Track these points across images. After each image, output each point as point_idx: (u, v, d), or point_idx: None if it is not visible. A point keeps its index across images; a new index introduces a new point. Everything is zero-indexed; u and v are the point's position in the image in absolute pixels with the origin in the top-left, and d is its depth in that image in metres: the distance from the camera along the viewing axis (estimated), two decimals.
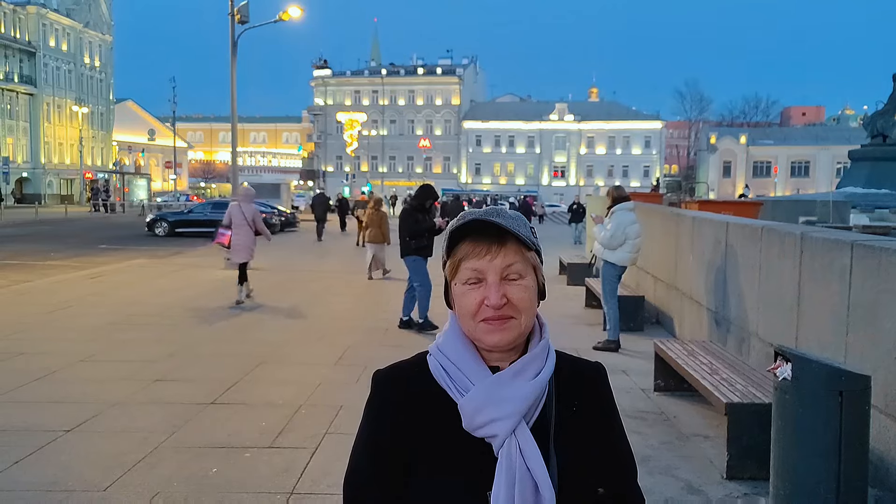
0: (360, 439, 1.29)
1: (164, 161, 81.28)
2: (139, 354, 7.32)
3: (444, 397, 1.22)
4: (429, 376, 1.25)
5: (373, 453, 1.26)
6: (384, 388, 1.29)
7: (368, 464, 1.26)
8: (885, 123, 26.18)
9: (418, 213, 8.95)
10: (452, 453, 1.20)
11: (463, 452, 1.19)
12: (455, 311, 1.26)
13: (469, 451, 1.19)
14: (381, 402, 1.28)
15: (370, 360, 6.94)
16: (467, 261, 1.21)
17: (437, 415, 1.22)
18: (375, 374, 1.31)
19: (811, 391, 3.08)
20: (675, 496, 4.11)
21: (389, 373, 1.30)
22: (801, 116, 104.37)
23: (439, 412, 1.22)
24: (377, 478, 1.25)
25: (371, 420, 1.28)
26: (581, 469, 1.23)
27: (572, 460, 1.22)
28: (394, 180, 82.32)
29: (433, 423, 1.22)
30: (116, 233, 28.40)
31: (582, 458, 1.24)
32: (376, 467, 1.25)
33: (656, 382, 6.23)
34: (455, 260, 1.23)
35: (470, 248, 1.21)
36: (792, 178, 75.13)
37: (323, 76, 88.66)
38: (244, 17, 15.38)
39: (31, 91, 65.64)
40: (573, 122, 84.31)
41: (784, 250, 5.28)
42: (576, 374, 1.31)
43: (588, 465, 1.24)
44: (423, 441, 1.22)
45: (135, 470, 4.35)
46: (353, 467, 1.29)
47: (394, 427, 1.24)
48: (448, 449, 1.20)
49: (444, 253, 1.27)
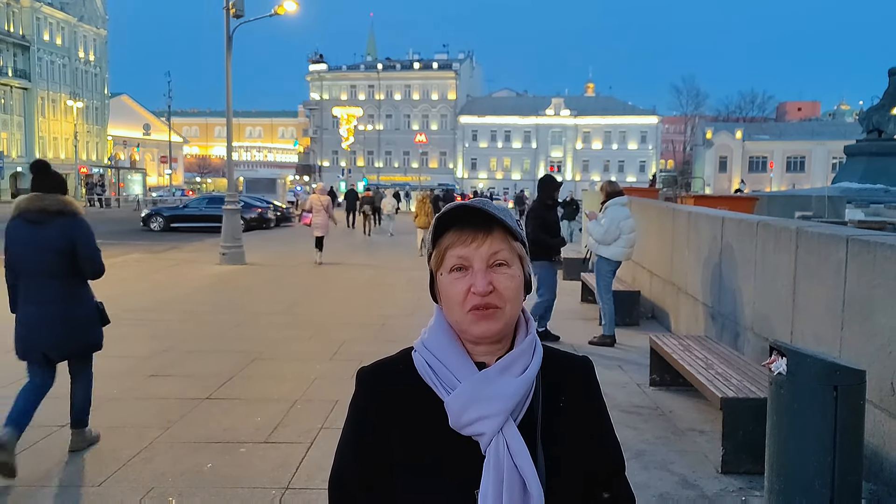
0: (345, 438, 1.27)
1: (159, 156, 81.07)
2: (134, 350, 7.30)
3: (429, 394, 1.20)
4: (414, 373, 1.23)
5: (358, 453, 1.24)
6: (368, 387, 1.27)
7: (353, 463, 1.25)
8: (880, 119, 26.23)
9: (548, 211, 8.16)
10: (439, 452, 1.18)
11: (450, 451, 1.18)
12: (440, 304, 1.24)
13: (456, 450, 1.18)
14: (365, 401, 1.26)
15: (365, 357, 6.93)
16: (453, 248, 1.19)
17: (423, 413, 1.20)
18: (359, 371, 1.29)
19: (806, 386, 3.09)
20: (670, 491, 4.12)
21: (374, 370, 1.28)
22: (796, 111, 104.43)
23: (425, 410, 1.20)
24: (362, 477, 1.23)
25: (355, 419, 1.26)
26: (569, 466, 1.22)
27: (560, 457, 1.21)
28: (390, 175, 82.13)
29: (419, 421, 1.20)
30: (111, 228, 28.28)
31: (570, 454, 1.22)
32: (361, 467, 1.23)
33: (652, 377, 6.24)
34: (440, 249, 1.21)
35: (456, 237, 1.19)
36: (788, 173, 75.25)
37: (319, 70, 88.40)
38: (239, 11, 15.30)
39: (25, 85, 65.33)
40: (569, 117, 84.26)
41: (779, 245, 5.28)
42: (563, 370, 1.29)
43: (576, 462, 1.23)
44: (409, 440, 1.20)
45: (129, 465, 4.34)
46: (337, 467, 1.28)
47: (379, 426, 1.22)
48: (434, 447, 1.19)
49: (429, 243, 1.24)
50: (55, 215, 4.34)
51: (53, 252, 4.30)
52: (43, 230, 4.31)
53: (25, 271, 4.35)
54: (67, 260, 4.34)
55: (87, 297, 4.58)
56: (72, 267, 4.37)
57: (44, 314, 4.35)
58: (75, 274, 4.42)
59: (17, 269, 4.37)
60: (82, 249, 4.38)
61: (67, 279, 4.39)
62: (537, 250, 7.74)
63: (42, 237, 4.30)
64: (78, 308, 4.48)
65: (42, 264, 4.31)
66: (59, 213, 4.36)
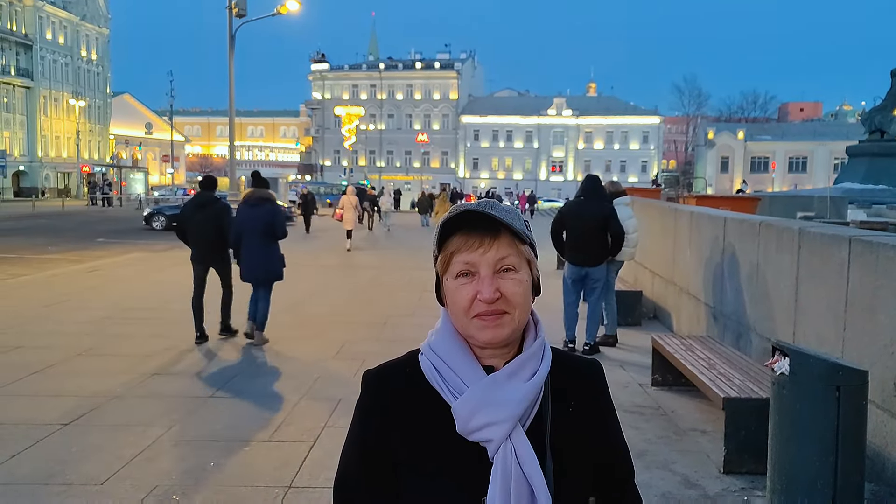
0: (350, 441, 1.26)
1: (161, 155, 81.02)
2: (137, 348, 7.31)
3: (436, 398, 1.18)
4: (420, 376, 1.20)
5: (363, 456, 1.22)
6: (374, 389, 1.24)
7: (358, 467, 1.23)
8: (882, 119, 26.19)
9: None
10: (445, 457, 1.16)
11: (456, 456, 1.16)
12: (447, 308, 1.22)
13: (463, 456, 1.15)
14: (370, 404, 1.24)
15: (368, 356, 6.94)
16: (459, 254, 1.17)
17: (429, 417, 1.18)
18: (365, 374, 1.27)
19: (808, 386, 3.09)
20: (672, 490, 4.12)
21: (379, 372, 1.26)
22: (798, 112, 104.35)
23: (431, 414, 1.17)
24: (367, 481, 1.22)
25: (361, 422, 1.24)
26: (577, 472, 1.20)
27: (568, 463, 1.19)
28: (391, 175, 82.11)
29: (425, 425, 1.18)
30: (114, 226, 28.34)
31: (578, 460, 1.21)
32: (366, 470, 1.22)
33: (654, 377, 6.24)
34: (447, 253, 1.19)
35: (462, 241, 1.17)
36: (790, 173, 75.16)
37: (321, 70, 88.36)
38: (242, 11, 15.31)
39: (27, 84, 65.36)
40: (571, 117, 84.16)
41: (782, 245, 5.29)
42: (572, 373, 1.27)
43: (585, 469, 1.21)
44: (415, 444, 1.18)
45: (133, 463, 4.35)
46: (343, 470, 1.26)
47: (385, 429, 1.20)
48: (441, 453, 1.16)
49: (435, 247, 1.22)
50: (263, 202, 7.62)
51: (262, 223, 7.46)
52: (257, 210, 7.53)
53: (246, 233, 7.48)
54: (269, 228, 7.48)
55: (276, 249, 7.66)
56: (270, 232, 7.49)
57: (254, 256, 7.50)
58: (272, 235, 7.52)
59: (242, 231, 7.50)
60: (277, 223, 7.55)
61: (266, 238, 7.50)
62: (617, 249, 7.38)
63: (256, 215, 7.49)
64: (271, 255, 7.60)
65: (256, 230, 7.43)
66: (266, 201, 7.65)
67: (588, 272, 7.29)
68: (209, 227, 7.56)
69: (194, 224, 7.62)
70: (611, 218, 7.27)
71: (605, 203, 7.40)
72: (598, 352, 7.33)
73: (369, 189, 39.61)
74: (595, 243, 7.24)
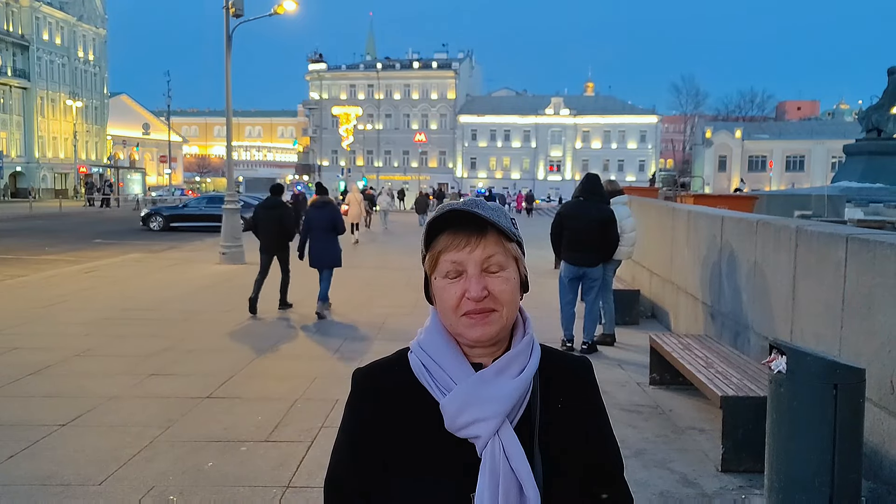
0: (340, 439, 1.27)
1: (158, 155, 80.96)
2: (134, 349, 7.31)
3: (425, 396, 1.19)
4: (410, 374, 1.21)
5: (353, 453, 1.23)
6: (364, 387, 1.26)
7: (349, 464, 1.24)
8: (879, 118, 26.26)
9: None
10: (434, 454, 1.17)
11: (445, 453, 1.16)
12: (435, 306, 1.23)
13: (451, 452, 1.16)
14: (360, 401, 1.25)
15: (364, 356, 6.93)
16: (446, 253, 1.18)
17: (418, 414, 1.19)
18: (355, 372, 1.28)
19: (806, 384, 3.10)
20: (670, 489, 4.12)
21: (369, 371, 1.28)
22: (796, 111, 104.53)
23: (420, 411, 1.18)
24: (358, 478, 1.22)
25: (351, 419, 1.25)
26: (566, 468, 1.20)
27: (557, 460, 1.19)
28: (389, 175, 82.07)
29: (414, 422, 1.19)
30: (111, 227, 28.30)
31: (567, 456, 1.21)
32: (356, 467, 1.23)
33: (652, 376, 6.25)
34: (434, 252, 1.20)
35: (449, 240, 1.18)
36: (787, 172, 75.25)
37: (318, 70, 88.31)
38: (239, 11, 15.28)
39: (24, 85, 65.25)
40: (569, 117, 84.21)
41: (779, 244, 5.29)
42: (561, 370, 1.27)
43: (573, 464, 1.22)
44: (404, 441, 1.19)
45: (130, 464, 4.34)
46: (333, 468, 1.27)
47: (374, 427, 1.21)
48: (430, 449, 1.17)
49: (422, 246, 1.23)
50: (327, 205, 9.68)
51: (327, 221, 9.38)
52: (322, 211, 9.48)
53: (313, 230, 9.36)
54: (332, 224, 9.37)
55: (336, 242, 9.48)
56: (332, 227, 9.36)
57: (320, 248, 9.36)
58: (334, 230, 9.39)
59: (311, 228, 9.38)
60: (338, 221, 9.46)
61: (329, 233, 9.36)
62: (611, 255, 7.47)
63: (322, 215, 9.40)
64: (333, 246, 9.45)
65: (322, 227, 9.36)
66: (328, 204, 9.75)
67: (585, 272, 7.30)
68: (275, 225, 9.50)
69: (263, 222, 9.56)
70: (609, 224, 7.27)
71: (604, 206, 7.40)
72: (595, 351, 7.33)
73: (367, 189, 40.18)
74: (593, 245, 7.25)
